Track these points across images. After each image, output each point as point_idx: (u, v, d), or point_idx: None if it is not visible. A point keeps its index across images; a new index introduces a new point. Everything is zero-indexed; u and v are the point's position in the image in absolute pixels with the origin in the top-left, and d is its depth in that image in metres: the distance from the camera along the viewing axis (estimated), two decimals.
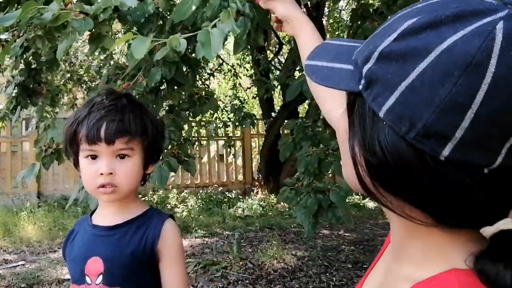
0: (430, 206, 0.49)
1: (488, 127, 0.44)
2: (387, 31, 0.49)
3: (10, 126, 7.06)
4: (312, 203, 2.16)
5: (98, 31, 1.55)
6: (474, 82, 0.43)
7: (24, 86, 2.87)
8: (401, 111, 0.46)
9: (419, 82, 0.45)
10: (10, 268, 4.61)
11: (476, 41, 0.43)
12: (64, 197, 7.48)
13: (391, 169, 0.48)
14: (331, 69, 0.55)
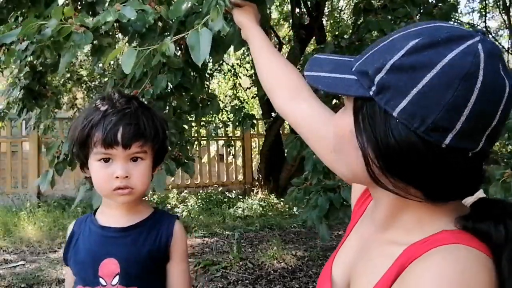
0: (428, 185, 0.63)
1: (477, 121, 0.59)
2: (393, 48, 0.62)
3: (10, 126, 7.08)
4: (323, 201, 2.13)
5: (100, 43, 1.55)
6: (469, 88, 0.58)
7: (29, 89, 2.89)
8: (413, 111, 0.60)
9: (428, 88, 0.59)
10: (10, 268, 4.62)
11: (469, 58, 0.58)
12: (64, 197, 7.48)
13: (402, 156, 0.62)
14: (334, 79, 0.68)
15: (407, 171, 0.63)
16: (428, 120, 0.59)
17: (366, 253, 0.74)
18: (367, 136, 0.64)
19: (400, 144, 0.61)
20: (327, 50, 2.46)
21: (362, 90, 0.64)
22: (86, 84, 7.21)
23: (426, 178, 0.62)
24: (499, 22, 8.17)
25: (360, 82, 0.65)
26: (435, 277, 0.57)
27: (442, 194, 0.64)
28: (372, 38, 2.38)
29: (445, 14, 2.27)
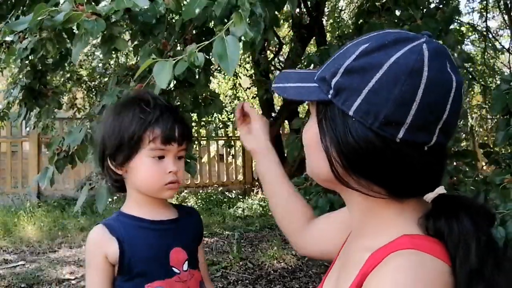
0: (388, 180, 0.66)
1: (427, 114, 0.63)
2: (346, 54, 0.68)
3: (10, 126, 7.07)
4: (323, 203, 2.13)
5: (110, 32, 1.54)
6: (416, 82, 0.62)
7: (29, 88, 2.87)
8: (367, 108, 0.64)
9: (378, 86, 0.63)
10: (10, 268, 4.61)
11: (413, 56, 0.63)
12: (64, 197, 7.48)
13: (362, 153, 0.65)
14: (299, 88, 0.73)
15: (367, 167, 0.66)
16: (380, 116, 0.63)
17: (345, 265, 0.77)
18: (329, 137, 0.68)
19: (358, 141, 0.65)
20: (331, 51, 2.47)
21: (323, 95, 0.69)
22: (86, 84, 7.19)
23: (386, 173, 0.66)
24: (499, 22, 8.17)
25: (320, 88, 0.70)
26: (390, 285, 0.60)
27: (403, 190, 0.68)
28: None
29: (448, 17, 2.27)
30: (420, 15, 2.20)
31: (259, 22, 1.32)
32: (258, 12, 1.31)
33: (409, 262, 0.62)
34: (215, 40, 1.16)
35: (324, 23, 6.91)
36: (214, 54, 1.16)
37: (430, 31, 2.14)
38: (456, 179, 1.99)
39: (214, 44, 1.16)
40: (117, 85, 2.20)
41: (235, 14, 1.17)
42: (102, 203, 2.04)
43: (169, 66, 1.17)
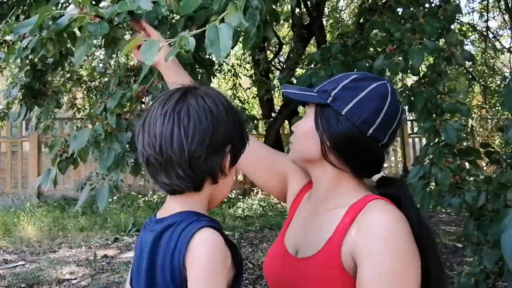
0: (356, 160, 1.04)
1: (386, 122, 1.03)
2: (341, 78, 1.07)
3: (10, 126, 7.07)
4: None
5: (113, 34, 1.53)
6: (383, 103, 1.03)
7: (29, 88, 2.86)
8: (354, 111, 1.02)
9: (362, 99, 1.02)
10: (10, 268, 4.61)
11: (383, 87, 1.05)
12: (64, 197, 7.48)
13: (345, 139, 1.02)
14: (304, 94, 1.11)
15: (346, 149, 1.02)
16: (362, 117, 1.01)
17: (311, 225, 1.07)
18: (323, 128, 1.04)
19: (345, 131, 1.01)
20: (333, 50, 2.47)
21: (323, 100, 1.05)
22: (86, 84, 7.19)
23: (355, 155, 1.03)
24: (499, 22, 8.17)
25: (320, 96, 1.06)
26: (382, 213, 0.95)
27: (362, 170, 1.05)
28: (378, 39, 2.38)
29: (450, 15, 2.26)
30: (422, 14, 2.19)
31: (255, 14, 1.31)
32: (254, 4, 1.31)
33: (386, 205, 0.97)
34: (207, 28, 1.15)
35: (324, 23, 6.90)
36: (206, 41, 1.13)
37: (433, 30, 2.15)
38: (459, 177, 1.98)
39: (207, 31, 1.14)
40: (118, 86, 2.20)
41: (230, 4, 1.16)
42: (103, 203, 2.04)
43: (156, 44, 1.15)
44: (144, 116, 0.91)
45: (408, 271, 0.90)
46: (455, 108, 2.08)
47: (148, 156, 0.87)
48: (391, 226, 0.92)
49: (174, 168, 0.86)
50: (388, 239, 0.91)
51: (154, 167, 0.87)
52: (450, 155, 2.00)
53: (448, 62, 2.25)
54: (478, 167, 2.07)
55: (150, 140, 0.86)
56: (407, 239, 0.92)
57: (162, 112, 0.87)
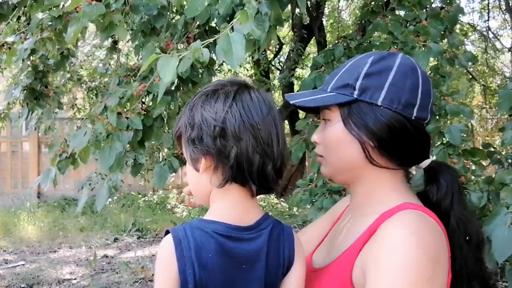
0: (406, 151, 0.89)
1: (425, 97, 0.89)
2: (357, 66, 0.91)
3: (10, 126, 7.06)
4: (328, 203, 2.13)
5: (110, 19, 1.51)
6: (417, 75, 0.89)
7: (30, 89, 2.87)
8: (390, 97, 0.87)
9: (395, 81, 0.87)
10: (10, 268, 4.61)
11: (408, 60, 0.91)
12: (64, 197, 7.48)
13: (390, 131, 0.86)
14: (319, 99, 0.93)
15: (394, 142, 0.87)
16: (402, 100, 0.86)
17: (340, 232, 0.96)
18: (359, 127, 0.88)
19: (388, 123, 0.86)
20: (336, 52, 2.45)
21: (347, 97, 0.89)
22: (86, 84, 7.18)
23: (406, 145, 0.88)
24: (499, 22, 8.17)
25: (340, 93, 0.90)
26: (402, 227, 0.80)
27: (413, 159, 0.91)
28: (381, 41, 2.37)
29: (452, 16, 2.26)
30: (425, 16, 2.19)
31: (264, 21, 1.31)
32: (264, 10, 1.30)
33: (415, 215, 0.82)
34: (219, 37, 1.14)
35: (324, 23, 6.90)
36: (218, 50, 1.13)
37: (436, 32, 2.14)
38: (464, 177, 1.98)
39: (219, 40, 1.14)
40: (118, 85, 2.20)
41: (240, 12, 1.15)
42: (101, 202, 2.04)
43: (173, 61, 1.14)
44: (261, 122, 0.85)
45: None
46: (458, 110, 2.07)
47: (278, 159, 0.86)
48: (410, 244, 0.77)
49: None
50: (404, 257, 0.76)
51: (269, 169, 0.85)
52: (454, 156, 1.99)
53: (450, 63, 2.24)
54: (483, 167, 2.06)
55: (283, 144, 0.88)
56: (427, 262, 0.77)
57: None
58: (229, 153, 0.81)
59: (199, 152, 0.84)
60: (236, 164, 0.81)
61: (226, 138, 0.81)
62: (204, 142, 0.82)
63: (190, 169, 0.89)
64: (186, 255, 0.79)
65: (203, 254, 0.80)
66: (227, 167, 0.82)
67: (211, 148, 0.82)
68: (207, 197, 0.89)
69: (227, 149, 0.81)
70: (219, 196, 0.86)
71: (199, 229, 0.82)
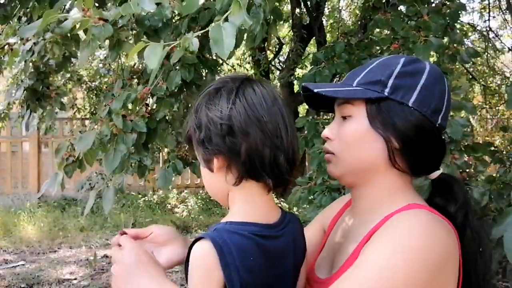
0: (427, 160, 0.87)
1: (448, 105, 0.89)
2: (389, 64, 0.89)
3: (10, 126, 7.06)
4: (327, 201, 2.12)
5: (118, 37, 1.53)
6: (445, 83, 0.89)
7: (32, 90, 2.87)
8: (421, 100, 0.85)
9: (426, 84, 0.86)
10: (10, 268, 4.60)
11: (435, 67, 0.90)
12: (64, 197, 7.47)
13: (417, 133, 0.84)
14: (348, 91, 0.89)
15: (420, 146, 0.85)
16: (432, 105, 0.85)
17: (342, 238, 0.92)
18: (386, 127, 0.85)
19: (416, 125, 0.84)
20: (337, 49, 2.45)
21: (377, 93, 0.86)
22: (86, 85, 7.19)
23: (431, 151, 0.87)
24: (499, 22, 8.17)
25: (369, 89, 0.86)
26: (408, 224, 0.77)
27: (429, 167, 0.89)
28: (382, 37, 2.37)
29: (454, 13, 2.26)
30: (427, 11, 2.19)
31: (258, 12, 1.31)
32: (257, 1, 1.30)
33: (424, 213, 0.80)
34: (211, 27, 1.14)
35: (324, 23, 6.90)
36: (211, 43, 1.12)
37: (438, 27, 2.13)
38: (466, 173, 1.97)
39: (211, 30, 1.13)
40: (122, 88, 2.21)
41: (233, 2, 1.15)
42: (109, 205, 2.04)
43: (159, 48, 1.14)
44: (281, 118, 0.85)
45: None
46: (460, 105, 2.07)
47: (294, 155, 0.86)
48: (416, 241, 0.73)
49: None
50: (405, 255, 0.72)
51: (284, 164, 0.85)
52: (456, 151, 1.97)
53: (452, 59, 2.24)
54: (486, 163, 2.05)
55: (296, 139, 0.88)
56: (431, 264, 0.72)
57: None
58: (239, 149, 0.80)
59: (210, 152, 0.83)
60: (247, 159, 0.80)
61: (234, 135, 0.80)
62: (213, 142, 0.82)
63: (204, 170, 0.88)
64: (230, 262, 0.77)
65: (246, 258, 0.78)
66: (240, 164, 0.81)
67: (221, 147, 0.81)
68: (226, 197, 0.87)
69: (236, 146, 0.80)
70: (239, 196, 0.85)
71: (236, 233, 0.79)
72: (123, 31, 1.52)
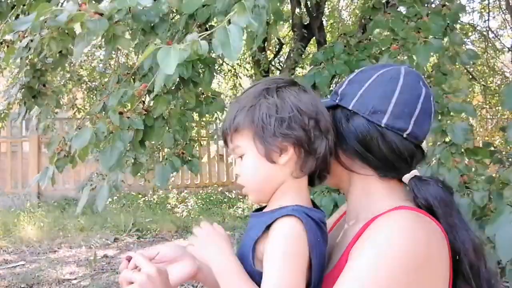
0: (375, 160, 0.88)
1: (402, 107, 0.87)
2: (350, 75, 0.96)
3: (10, 126, 7.06)
4: (327, 202, 2.13)
5: (113, 31, 1.52)
6: (394, 85, 0.89)
7: (29, 87, 2.85)
8: (361, 103, 0.89)
9: (368, 88, 0.90)
10: (10, 268, 4.60)
11: (393, 71, 0.91)
12: (64, 197, 7.48)
13: (357, 137, 0.88)
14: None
15: (361, 147, 0.88)
16: (369, 106, 0.88)
17: (335, 242, 0.93)
18: (335, 131, 0.90)
19: (355, 127, 0.88)
20: (337, 49, 2.46)
21: (332, 102, 0.93)
22: (86, 84, 7.18)
23: (373, 153, 0.88)
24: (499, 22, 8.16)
25: (331, 99, 0.95)
26: (393, 223, 0.80)
27: (386, 169, 0.89)
28: (382, 38, 2.37)
29: (454, 14, 2.26)
30: (426, 12, 2.19)
31: (261, 14, 1.31)
32: (261, 3, 1.30)
33: (410, 214, 0.82)
34: (216, 29, 1.13)
35: (324, 23, 6.89)
36: (215, 44, 1.11)
37: (437, 28, 2.13)
38: (466, 177, 1.97)
39: (216, 33, 1.12)
40: (118, 84, 2.20)
41: (238, 4, 1.14)
42: (102, 203, 2.04)
43: (173, 51, 1.13)
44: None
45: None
46: (461, 107, 2.07)
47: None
48: (399, 240, 0.76)
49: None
50: (385, 264, 0.75)
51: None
52: (457, 155, 1.97)
53: (452, 61, 2.24)
54: (486, 166, 2.05)
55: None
56: (412, 268, 0.75)
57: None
58: (318, 145, 0.85)
59: (287, 142, 0.84)
60: (322, 156, 0.86)
61: (318, 131, 0.85)
62: (295, 133, 0.84)
63: (258, 163, 0.86)
64: (312, 240, 0.80)
65: (317, 239, 0.82)
66: (313, 159, 0.86)
67: (303, 139, 0.84)
68: (272, 192, 0.89)
69: (317, 141, 0.85)
70: (294, 187, 0.88)
71: (308, 215, 0.82)
72: (119, 25, 1.50)
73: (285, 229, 0.80)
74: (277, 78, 0.92)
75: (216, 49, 1.11)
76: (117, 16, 1.42)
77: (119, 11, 1.36)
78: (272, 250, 0.79)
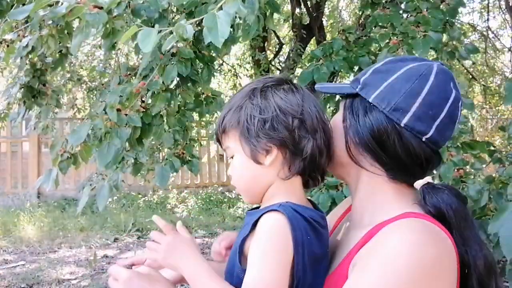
0: (388, 160, 0.83)
1: (427, 109, 0.81)
2: (377, 63, 0.90)
3: (10, 126, 7.06)
4: (325, 199, 2.12)
5: (112, 26, 1.51)
6: (423, 83, 0.82)
7: (28, 87, 2.85)
8: (383, 97, 0.83)
9: (394, 82, 0.83)
10: (10, 268, 4.60)
11: (423, 67, 0.84)
12: (64, 197, 7.47)
13: (373, 132, 0.83)
14: (334, 87, 1.02)
15: (375, 145, 0.83)
16: (392, 102, 0.81)
17: (338, 242, 0.91)
18: (350, 121, 0.86)
19: (372, 121, 0.83)
20: (336, 46, 2.45)
21: (352, 89, 0.88)
22: (86, 84, 7.18)
23: (387, 153, 0.82)
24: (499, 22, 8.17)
25: (351, 86, 0.88)
26: (400, 235, 0.75)
27: (398, 172, 0.84)
28: (381, 33, 2.36)
29: (453, 9, 2.25)
30: (426, 6, 2.18)
31: (253, 2, 1.30)
32: None
33: (418, 223, 0.77)
34: (206, 16, 1.13)
35: (324, 23, 6.90)
36: (205, 32, 1.11)
37: (437, 22, 2.13)
38: (463, 171, 1.96)
39: (205, 18, 1.11)
40: (119, 84, 2.20)
41: None
42: (102, 202, 2.04)
43: (153, 32, 1.13)
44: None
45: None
46: None
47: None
48: (406, 257, 0.72)
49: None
50: (394, 273, 0.71)
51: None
52: (453, 148, 1.96)
53: (451, 56, 2.23)
54: (483, 160, 2.03)
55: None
56: (418, 283, 0.71)
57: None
58: (305, 145, 0.83)
59: (271, 143, 0.83)
60: (309, 157, 0.83)
61: (303, 131, 0.83)
62: (278, 133, 0.82)
63: (246, 163, 0.86)
64: (298, 236, 0.78)
65: (305, 237, 0.80)
66: (299, 159, 0.83)
67: (286, 139, 0.82)
68: (262, 192, 0.88)
69: (303, 141, 0.83)
70: (284, 189, 0.86)
71: (297, 212, 0.81)
72: (118, 20, 1.50)
73: (268, 224, 0.79)
74: (268, 78, 0.90)
75: (205, 37, 1.10)
76: (116, 11, 1.42)
77: (118, 4, 1.35)
78: (253, 247, 0.79)
